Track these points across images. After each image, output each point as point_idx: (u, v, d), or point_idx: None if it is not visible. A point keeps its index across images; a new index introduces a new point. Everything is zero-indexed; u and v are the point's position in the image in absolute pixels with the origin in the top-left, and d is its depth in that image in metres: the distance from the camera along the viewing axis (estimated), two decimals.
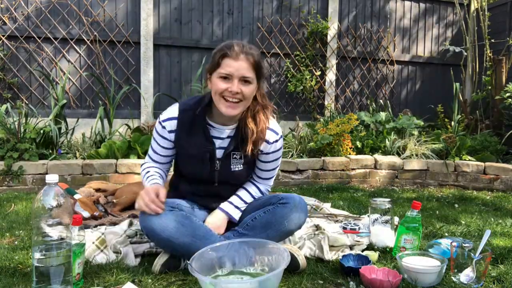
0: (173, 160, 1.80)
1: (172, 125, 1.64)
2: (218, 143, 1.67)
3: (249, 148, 1.63)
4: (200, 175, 1.70)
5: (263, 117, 1.65)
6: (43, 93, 4.32)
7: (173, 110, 1.66)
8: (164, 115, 1.67)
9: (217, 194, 1.77)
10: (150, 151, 1.76)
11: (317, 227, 1.99)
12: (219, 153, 1.67)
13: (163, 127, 1.65)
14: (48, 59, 4.29)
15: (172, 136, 1.66)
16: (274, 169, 1.81)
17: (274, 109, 1.73)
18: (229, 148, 1.66)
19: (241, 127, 1.65)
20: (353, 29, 5.33)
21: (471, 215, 2.60)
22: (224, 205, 1.74)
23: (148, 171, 1.71)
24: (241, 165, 1.71)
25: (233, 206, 1.74)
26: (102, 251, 1.69)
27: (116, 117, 4.40)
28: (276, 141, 1.72)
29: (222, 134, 1.67)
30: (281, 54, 5.01)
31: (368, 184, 3.76)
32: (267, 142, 1.70)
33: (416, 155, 3.93)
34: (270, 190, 1.88)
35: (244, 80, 1.52)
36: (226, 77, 1.51)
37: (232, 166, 1.69)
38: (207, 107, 1.65)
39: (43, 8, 4.22)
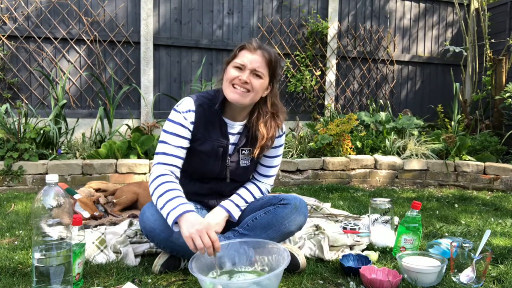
0: None
1: (192, 117, 1.62)
2: (230, 139, 1.69)
3: (257, 152, 1.68)
4: (210, 172, 1.70)
5: (274, 124, 1.68)
6: (43, 93, 4.32)
7: (189, 103, 1.63)
8: (183, 106, 1.62)
9: (220, 192, 1.77)
10: (163, 147, 1.58)
11: (317, 227, 1.99)
12: (230, 149, 1.69)
13: (185, 118, 1.61)
14: (48, 59, 4.29)
15: (192, 128, 1.63)
16: (275, 166, 1.83)
17: (286, 112, 1.76)
18: (240, 144, 1.69)
19: (251, 128, 1.68)
20: (353, 29, 5.33)
21: (471, 215, 2.60)
22: (225, 203, 1.74)
23: (164, 182, 1.51)
24: (249, 161, 1.74)
25: (234, 204, 1.74)
26: (102, 251, 1.69)
27: (116, 117, 4.41)
28: (280, 136, 1.77)
29: (234, 130, 1.69)
30: (281, 54, 5.01)
31: (368, 184, 3.76)
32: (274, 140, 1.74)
33: (416, 155, 3.93)
34: (270, 190, 1.88)
35: (256, 74, 1.55)
36: (240, 68, 1.56)
37: (241, 162, 1.72)
38: (221, 103, 1.66)
39: (43, 8, 4.22)
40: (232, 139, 1.69)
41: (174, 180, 1.56)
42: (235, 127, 1.69)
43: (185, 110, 1.61)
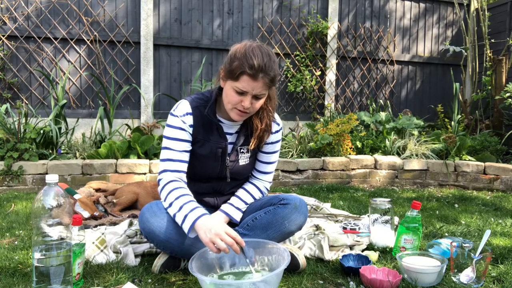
0: None
1: (190, 120, 1.62)
2: (228, 138, 1.69)
3: (253, 142, 1.68)
4: (210, 173, 1.70)
5: (265, 114, 1.67)
6: (43, 93, 4.32)
7: (185, 106, 1.63)
8: (179, 110, 1.62)
9: (220, 191, 1.78)
10: (167, 153, 1.60)
11: (317, 227, 1.99)
12: (228, 149, 1.69)
13: (183, 122, 1.61)
14: (48, 59, 4.29)
15: (192, 131, 1.64)
16: (273, 162, 1.83)
17: (279, 104, 1.75)
18: (238, 143, 1.69)
19: (248, 124, 1.69)
20: (353, 29, 5.33)
21: (471, 215, 2.60)
22: (225, 206, 1.74)
23: (175, 189, 1.52)
24: (248, 159, 1.74)
25: (234, 207, 1.74)
26: (102, 251, 1.69)
27: (116, 117, 4.41)
28: (277, 131, 1.77)
29: (231, 129, 1.69)
30: (281, 54, 5.01)
31: (368, 184, 3.76)
32: (271, 132, 1.74)
33: (416, 155, 3.93)
34: (269, 189, 1.88)
35: (257, 97, 1.54)
36: (241, 92, 1.51)
37: (240, 161, 1.72)
38: (216, 103, 1.66)
39: (43, 8, 4.22)
40: (230, 138, 1.70)
41: (184, 186, 1.56)
42: (233, 126, 1.69)
43: (182, 113, 1.61)
